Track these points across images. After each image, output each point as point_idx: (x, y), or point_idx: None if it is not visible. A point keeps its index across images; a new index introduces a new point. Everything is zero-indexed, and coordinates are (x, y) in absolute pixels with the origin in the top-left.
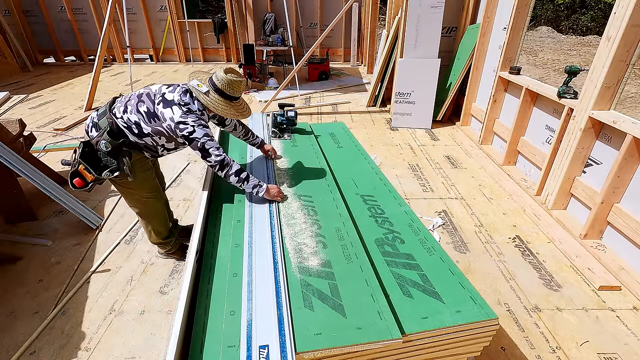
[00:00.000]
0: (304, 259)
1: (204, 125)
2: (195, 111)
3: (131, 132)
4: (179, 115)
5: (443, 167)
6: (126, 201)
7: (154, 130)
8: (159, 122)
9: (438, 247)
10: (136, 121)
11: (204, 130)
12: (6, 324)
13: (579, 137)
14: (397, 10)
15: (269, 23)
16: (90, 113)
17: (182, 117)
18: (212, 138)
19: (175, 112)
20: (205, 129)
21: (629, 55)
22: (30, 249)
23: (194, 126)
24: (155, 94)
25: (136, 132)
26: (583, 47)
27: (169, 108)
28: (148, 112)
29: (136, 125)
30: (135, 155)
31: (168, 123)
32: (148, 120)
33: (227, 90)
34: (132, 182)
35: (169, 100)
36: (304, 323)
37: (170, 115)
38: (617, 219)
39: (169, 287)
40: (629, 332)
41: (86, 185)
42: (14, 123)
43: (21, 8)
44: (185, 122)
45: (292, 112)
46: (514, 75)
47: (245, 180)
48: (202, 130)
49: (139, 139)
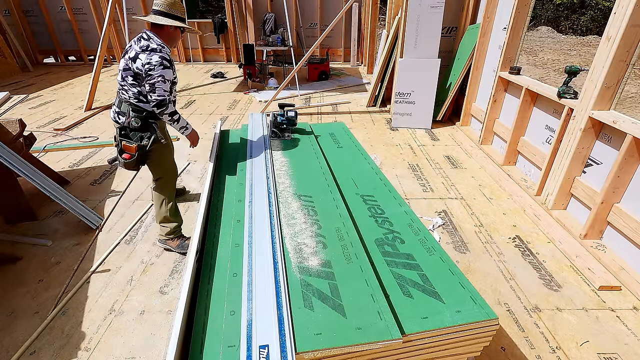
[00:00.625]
0: (304, 259)
1: (165, 65)
2: (155, 48)
3: (144, 102)
4: (145, 58)
5: (443, 167)
6: (154, 169)
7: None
8: (142, 75)
9: (438, 247)
10: (139, 90)
11: (162, 71)
12: (6, 324)
13: (579, 137)
14: (397, 10)
15: (269, 23)
16: (89, 113)
17: (147, 59)
18: (165, 80)
19: (142, 58)
20: (164, 70)
21: (629, 55)
22: (30, 249)
23: (155, 65)
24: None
25: (145, 100)
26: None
27: (137, 59)
28: (132, 74)
29: (139, 92)
30: (160, 123)
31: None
32: (137, 79)
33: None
34: (164, 146)
35: (133, 56)
36: (304, 323)
37: (141, 63)
38: (617, 219)
39: (169, 287)
40: (629, 332)
41: (133, 157)
42: (14, 123)
43: (21, 8)
44: (150, 62)
45: (292, 112)
46: (514, 75)
47: (176, 121)
48: (160, 71)
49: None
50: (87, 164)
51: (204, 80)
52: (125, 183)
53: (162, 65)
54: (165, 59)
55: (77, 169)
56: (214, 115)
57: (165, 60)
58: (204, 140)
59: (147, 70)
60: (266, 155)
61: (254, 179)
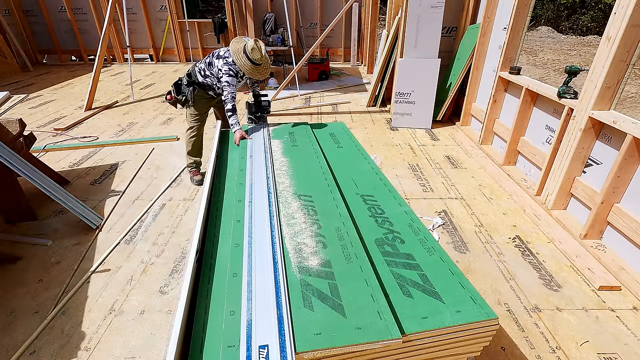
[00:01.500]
0: (303, 258)
1: (230, 74)
2: (229, 63)
3: (201, 75)
4: (220, 64)
5: (443, 167)
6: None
7: (210, 73)
8: (212, 68)
9: (438, 247)
10: (203, 68)
11: (228, 78)
12: (6, 324)
13: (579, 137)
14: (397, 10)
15: (269, 23)
16: (89, 113)
17: (221, 66)
18: (230, 84)
19: (220, 62)
20: (229, 77)
21: (629, 55)
22: (30, 248)
23: (224, 73)
24: (216, 52)
25: (202, 74)
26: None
27: (218, 60)
28: (209, 61)
29: (202, 70)
30: (198, 91)
31: (216, 69)
32: (208, 66)
33: (250, 55)
34: (195, 104)
35: (220, 55)
36: (304, 323)
37: (217, 64)
38: (617, 219)
39: (169, 287)
40: (629, 332)
41: (171, 100)
42: (14, 123)
43: (21, 8)
44: (221, 69)
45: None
46: (514, 75)
47: (231, 115)
48: (227, 78)
49: (204, 79)
50: (87, 163)
51: None
52: (125, 183)
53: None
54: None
55: (77, 168)
56: (214, 115)
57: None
58: (205, 140)
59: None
60: (266, 155)
61: (253, 179)
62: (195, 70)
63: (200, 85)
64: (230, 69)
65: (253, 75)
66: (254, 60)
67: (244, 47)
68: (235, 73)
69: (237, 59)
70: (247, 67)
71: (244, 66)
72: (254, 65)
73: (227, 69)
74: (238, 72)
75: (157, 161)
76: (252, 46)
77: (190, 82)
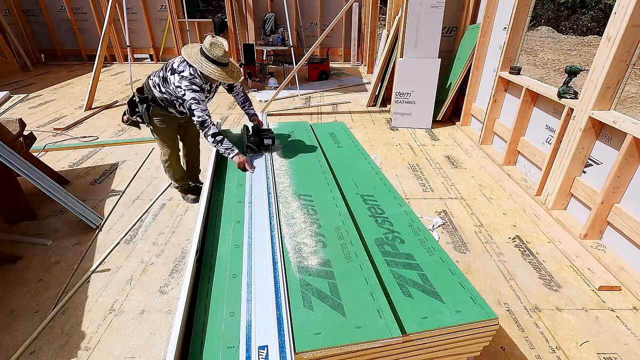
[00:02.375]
0: (303, 258)
1: (195, 89)
2: (187, 76)
3: (156, 89)
4: (177, 81)
5: (443, 167)
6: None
7: (166, 90)
8: (167, 85)
9: (438, 247)
10: (157, 82)
11: (192, 94)
12: (6, 324)
13: (579, 137)
14: (397, 10)
15: (269, 23)
16: (89, 112)
17: (178, 82)
18: (198, 101)
19: (175, 78)
20: (194, 93)
21: (629, 55)
22: (30, 248)
23: (185, 89)
24: (169, 63)
25: (158, 90)
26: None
27: (173, 75)
28: (163, 76)
29: (157, 85)
30: (155, 109)
31: (172, 86)
32: (163, 82)
33: (209, 52)
34: (155, 128)
35: (174, 69)
36: (303, 323)
37: (173, 81)
38: (617, 219)
39: (168, 286)
40: (629, 332)
41: (128, 122)
42: (13, 122)
43: (21, 7)
44: (180, 86)
45: (269, 140)
46: (514, 75)
47: (219, 142)
48: (190, 94)
49: (162, 95)
50: (87, 163)
51: None
52: (125, 183)
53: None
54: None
55: (77, 168)
56: (214, 115)
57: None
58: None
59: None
60: (266, 155)
61: (253, 179)
62: (150, 84)
63: (157, 102)
64: (191, 82)
65: (223, 79)
66: (216, 59)
67: (201, 48)
68: (199, 86)
69: (198, 65)
70: (210, 69)
71: (207, 69)
72: (218, 67)
73: (187, 83)
74: (203, 85)
75: (157, 161)
76: (210, 41)
77: (142, 98)
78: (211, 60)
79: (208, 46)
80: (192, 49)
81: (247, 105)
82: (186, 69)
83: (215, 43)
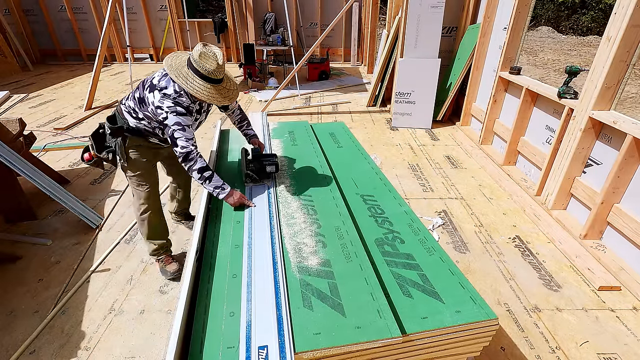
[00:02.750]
0: (303, 258)
1: (179, 112)
2: (170, 95)
3: (131, 116)
4: (157, 100)
5: (443, 167)
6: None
7: (144, 114)
8: (145, 107)
9: (438, 247)
10: (132, 107)
11: (176, 117)
12: (6, 323)
13: (579, 137)
14: (397, 10)
15: (269, 23)
16: (89, 112)
17: (159, 102)
18: (183, 127)
19: (155, 97)
20: (178, 117)
21: (629, 55)
22: (30, 248)
23: (167, 112)
24: (147, 79)
25: (134, 117)
26: (583, 47)
27: (152, 92)
28: (139, 97)
29: (133, 111)
30: (133, 140)
31: (151, 107)
32: (139, 105)
33: (199, 66)
34: (129, 163)
35: (153, 85)
36: (303, 323)
37: (152, 100)
38: (617, 219)
39: (168, 286)
40: (629, 332)
41: (91, 161)
42: (14, 122)
43: (21, 7)
44: (161, 107)
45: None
46: (514, 75)
47: (207, 179)
48: (174, 118)
49: (138, 122)
50: None
51: None
52: (125, 183)
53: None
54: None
55: (77, 168)
56: (214, 115)
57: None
58: (205, 140)
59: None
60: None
61: None
62: (123, 111)
63: (133, 132)
64: (176, 101)
65: (214, 100)
66: (207, 74)
67: (189, 59)
68: (186, 107)
69: (182, 81)
70: (198, 87)
71: (193, 87)
72: (209, 84)
73: (171, 103)
74: (190, 105)
75: None
76: (199, 50)
77: (116, 129)
78: (200, 76)
79: (197, 57)
80: (176, 58)
81: (244, 125)
82: (170, 85)
83: (205, 54)
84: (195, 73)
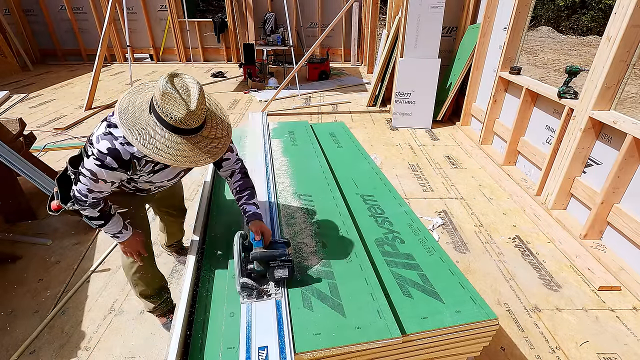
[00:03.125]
0: (303, 258)
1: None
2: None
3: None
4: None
5: (443, 167)
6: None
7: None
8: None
9: (438, 247)
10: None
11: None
12: (6, 323)
13: (579, 137)
14: (397, 10)
15: (269, 23)
16: (89, 112)
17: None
18: (97, 180)
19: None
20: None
21: (629, 55)
22: (30, 248)
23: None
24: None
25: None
26: (583, 47)
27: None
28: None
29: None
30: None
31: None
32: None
33: (162, 112)
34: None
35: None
36: (303, 323)
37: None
38: (617, 219)
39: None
40: (629, 332)
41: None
42: (13, 122)
43: (21, 7)
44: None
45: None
46: (514, 75)
47: (98, 227)
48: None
49: None
50: None
51: (204, 79)
52: None
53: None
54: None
55: None
56: None
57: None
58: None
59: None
60: (266, 155)
61: (253, 179)
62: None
63: None
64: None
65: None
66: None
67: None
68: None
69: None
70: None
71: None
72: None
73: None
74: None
75: None
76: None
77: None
78: (166, 125)
79: (159, 98)
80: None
81: (246, 195)
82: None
83: (168, 93)
84: (159, 120)
